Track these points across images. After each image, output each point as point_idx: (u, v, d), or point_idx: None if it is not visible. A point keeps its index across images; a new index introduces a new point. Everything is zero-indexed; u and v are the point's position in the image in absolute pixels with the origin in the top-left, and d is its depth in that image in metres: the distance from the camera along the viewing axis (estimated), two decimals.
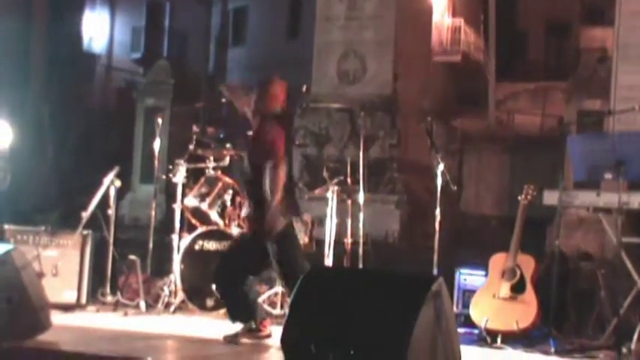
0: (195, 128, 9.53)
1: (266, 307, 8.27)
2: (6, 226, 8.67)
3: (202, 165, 9.06)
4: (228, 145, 9.32)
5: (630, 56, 11.03)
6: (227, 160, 9.11)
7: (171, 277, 8.63)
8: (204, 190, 8.75)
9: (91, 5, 34.34)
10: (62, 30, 30.47)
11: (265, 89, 7.18)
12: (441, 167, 8.16)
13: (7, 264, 6.39)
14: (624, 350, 6.90)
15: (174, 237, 8.81)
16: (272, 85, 7.20)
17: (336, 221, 8.99)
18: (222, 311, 7.97)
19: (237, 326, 7.03)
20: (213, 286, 7.40)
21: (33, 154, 17.54)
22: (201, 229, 8.69)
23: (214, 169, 9.03)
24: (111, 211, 8.84)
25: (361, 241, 9.27)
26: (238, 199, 8.71)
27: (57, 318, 7.11)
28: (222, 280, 7.09)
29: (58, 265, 8.50)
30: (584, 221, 11.10)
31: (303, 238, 8.77)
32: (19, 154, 8.78)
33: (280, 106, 7.14)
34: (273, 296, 8.50)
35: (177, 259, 8.61)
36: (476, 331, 7.72)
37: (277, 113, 7.10)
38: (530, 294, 7.51)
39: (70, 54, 31.28)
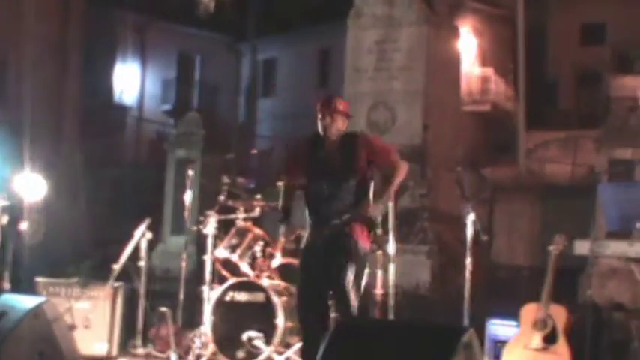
0: (225, 179, 9.56)
1: (296, 358, 8.23)
2: (38, 279, 8.73)
3: (233, 216, 9.10)
4: (258, 196, 9.36)
5: None
6: (257, 210, 9.15)
7: (202, 328, 8.63)
8: (234, 241, 8.78)
9: (122, 58, 34.81)
10: (94, 82, 30.93)
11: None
12: (471, 217, 8.14)
13: (40, 317, 6.44)
14: None
15: (205, 288, 8.82)
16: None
17: (366, 272, 8.96)
18: None
19: None
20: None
21: (66, 206, 17.67)
22: (231, 281, 8.70)
23: (244, 220, 9.06)
24: (142, 263, 8.88)
25: (392, 291, 9.24)
26: (268, 250, 8.73)
27: None
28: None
29: (90, 317, 8.54)
30: (616, 271, 11.00)
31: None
32: (52, 206, 8.87)
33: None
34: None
35: (207, 310, 8.62)
36: None
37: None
38: (562, 345, 7.44)
39: (102, 106, 31.69)
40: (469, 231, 8.15)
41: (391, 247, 9.18)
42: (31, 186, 8.38)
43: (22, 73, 24.04)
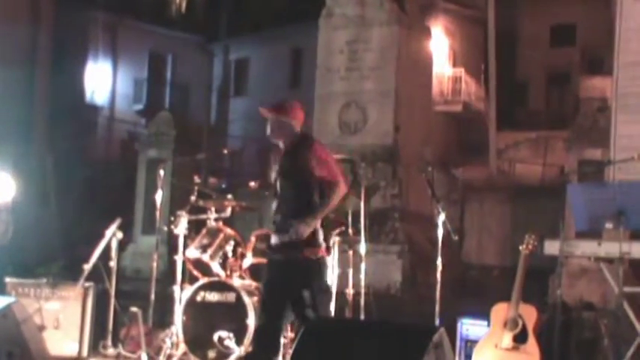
0: (196, 179, 9.56)
1: None
2: (7, 279, 8.67)
3: (204, 216, 9.07)
4: (229, 196, 9.35)
5: (630, 105, 11.08)
6: (229, 211, 9.13)
7: (173, 328, 8.60)
8: (205, 241, 8.75)
9: (93, 58, 34.64)
10: (65, 82, 30.73)
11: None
12: (442, 217, 8.17)
13: (8, 318, 6.41)
14: None
15: (176, 288, 8.79)
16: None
17: (337, 272, 8.98)
18: None
19: None
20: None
21: (36, 206, 17.58)
22: (202, 281, 8.67)
23: (216, 220, 9.04)
24: (113, 263, 8.84)
25: (363, 291, 9.26)
26: (240, 250, 8.72)
27: None
28: None
29: (60, 318, 8.49)
30: (586, 271, 11.07)
31: None
32: (21, 205, 8.80)
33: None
34: None
35: (179, 310, 8.59)
36: None
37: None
38: (532, 344, 7.47)
39: (73, 106, 31.51)
40: (440, 231, 8.18)
41: (362, 247, 9.22)
42: (0, 185, 8.32)
43: None
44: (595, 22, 27.82)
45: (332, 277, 8.90)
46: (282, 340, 7.02)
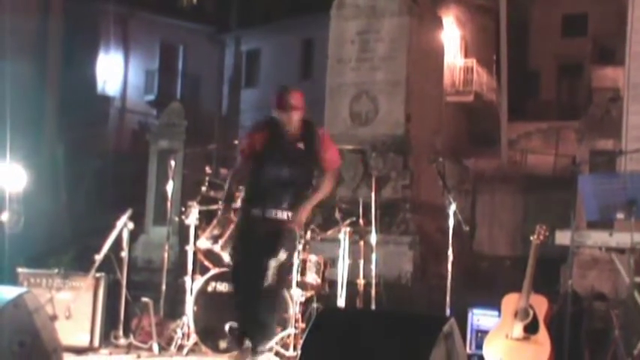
0: (208, 170, 9.55)
1: (279, 348, 8.25)
2: (19, 270, 8.70)
3: (215, 206, 9.08)
4: (240, 187, 9.36)
5: None
6: (239, 201, 9.13)
7: (184, 319, 8.62)
8: (216, 231, 8.74)
9: (104, 48, 34.68)
10: (76, 73, 30.77)
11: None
12: (453, 207, 8.17)
13: (20, 307, 6.41)
14: None
15: (187, 279, 8.81)
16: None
17: (348, 262, 8.99)
18: (235, 353, 7.96)
19: None
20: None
21: (47, 197, 17.60)
22: (213, 271, 8.69)
23: None
24: (124, 254, 8.86)
25: (374, 282, 9.26)
26: None
27: None
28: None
29: (71, 308, 8.51)
30: (597, 261, 11.06)
31: (315, 279, 8.78)
32: (32, 196, 8.83)
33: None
34: (286, 337, 8.47)
35: (190, 301, 8.61)
36: None
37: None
38: (543, 334, 7.48)
39: (84, 97, 31.57)
40: (451, 221, 8.18)
41: (373, 237, 9.23)
42: (11, 176, 8.34)
43: (3, 64, 23.92)
44: (607, 11, 27.73)
45: (343, 268, 8.91)
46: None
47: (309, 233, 8.92)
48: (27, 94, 23.76)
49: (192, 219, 8.93)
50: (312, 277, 8.74)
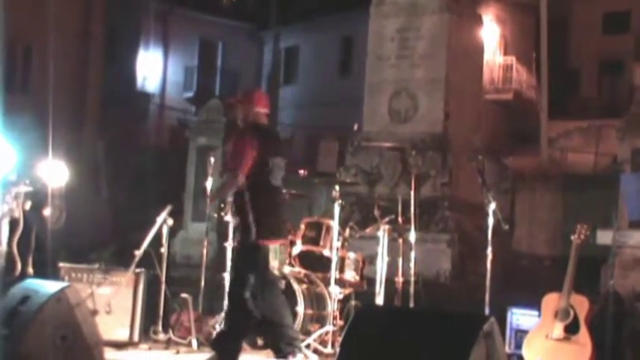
0: None
1: (317, 345, 8.25)
2: (61, 264, 8.78)
3: None
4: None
5: None
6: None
7: (223, 315, 8.65)
8: None
9: (144, 46, 34.88)
10: (117, 70, 31.04)
11: (243, 99, 7.46)
12: (492, 206, 8.11)
13: (62, 302, 6.47)
14: None
15: (226, 275, 8.84)
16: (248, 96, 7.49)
17: (387, 260, 8.97)
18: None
19: None
20: None
21: (88, 193, 17.77)
22: None
23: None
24: (163, 250, 8.91)
25: (412, 280, 9.23)
26: (289, 237, 8.73)
27: (110, 355, 7.17)
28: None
29: (112, 303, 8.57)
30: (639, 261, 10.95)
31: (354, 276, 8.78)
32: (74, 192, 8.89)
33: (253, 117, 7.35)
34: (324, 335, 8.47)
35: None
36: None
37: (251, 124, 7.36)
38: (584, 335, 7.41)
39: (124, 93, 31.81)
40: (490, 220, 8.12)
41: (412, 235, 9.19)
42: (54, 172, 8.41)
43: (45, 60, 24.18)
44: None
45: (381, 265, 8.90)
46: None
47: (347, 231, 8.92)
48: (68, 90, 24.02)
49: (230, 215, 8.95)
50: (350, 275, 8.74)
